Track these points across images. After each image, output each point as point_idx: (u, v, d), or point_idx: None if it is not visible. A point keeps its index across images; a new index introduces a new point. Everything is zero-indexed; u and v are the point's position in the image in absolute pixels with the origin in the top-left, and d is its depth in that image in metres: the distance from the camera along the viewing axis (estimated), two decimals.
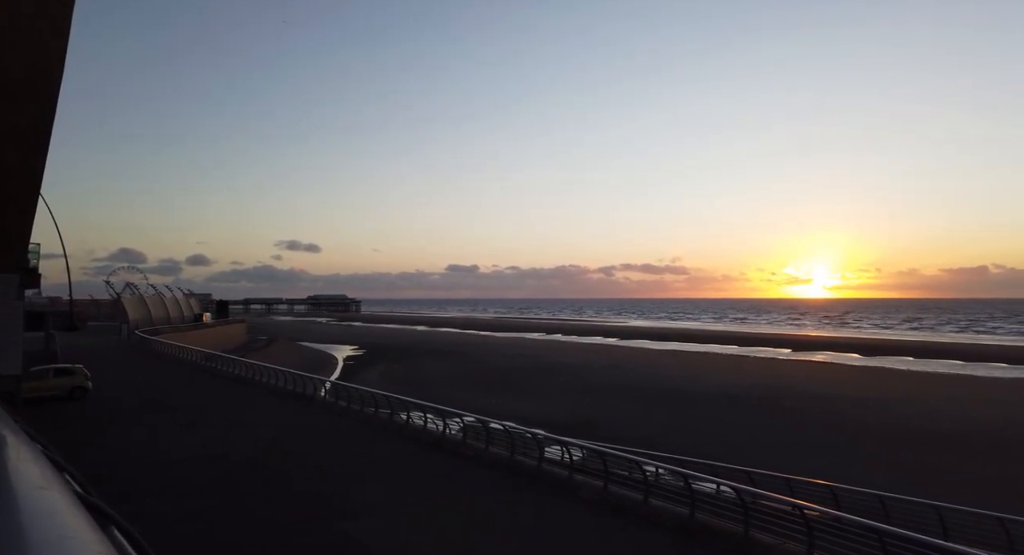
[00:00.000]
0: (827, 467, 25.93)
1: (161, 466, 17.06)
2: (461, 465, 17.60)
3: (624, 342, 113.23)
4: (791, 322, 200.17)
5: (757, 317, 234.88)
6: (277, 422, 24.06)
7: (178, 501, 13.74)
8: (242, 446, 19.62)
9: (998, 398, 47.88)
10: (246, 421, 24.03)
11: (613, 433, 31.89)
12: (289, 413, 26.25)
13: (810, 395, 47.40)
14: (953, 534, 14.90)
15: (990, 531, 14.93)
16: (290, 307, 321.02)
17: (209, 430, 22.12)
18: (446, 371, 63.02)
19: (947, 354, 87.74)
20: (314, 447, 19.70)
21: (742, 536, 11.62)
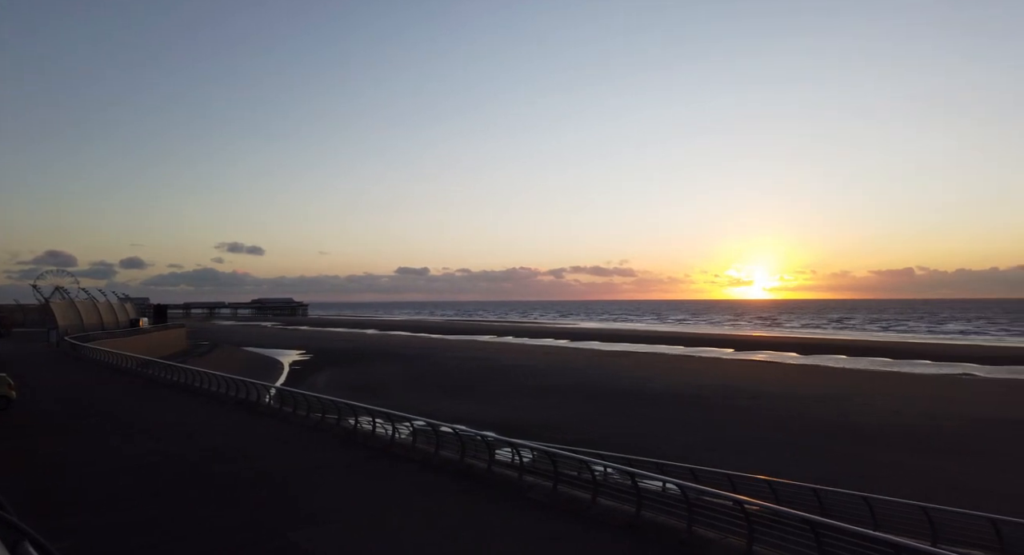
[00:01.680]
0: (769, 462, 26.98)
1: (98, 478, 16.34)
2: (410, 470, 17.50)
3: (575, 344, 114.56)
4: (732, 323, 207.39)
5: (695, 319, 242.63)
6: (221, 430, 23.35)
7: (118, 514, 13.20)
8: (184, 455, 18.97)
9: (923, 393, 50.71)
10: (188, 430, 23.23)
11: (566, 434, 32.32)
12: (233, 420, 25.51)
13: (753, 393, 49.08)
14: (882, 523, 15.74)
15: (915, 520, 15.82)
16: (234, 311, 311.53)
17: (149, 440, 21.29)
18: (397, 375, 62.40)
19: (877, 352, 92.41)
20: (260, 455, 19.22)
21: (686, 532, 11.98)
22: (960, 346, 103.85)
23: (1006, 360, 78.27)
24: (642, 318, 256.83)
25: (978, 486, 23.92)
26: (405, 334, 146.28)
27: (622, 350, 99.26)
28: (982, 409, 41.92)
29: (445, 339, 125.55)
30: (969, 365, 74.28)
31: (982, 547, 14.50)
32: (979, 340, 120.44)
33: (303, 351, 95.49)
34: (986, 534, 14.71)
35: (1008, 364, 74.23)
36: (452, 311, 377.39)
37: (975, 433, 34.26)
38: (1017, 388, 54.76)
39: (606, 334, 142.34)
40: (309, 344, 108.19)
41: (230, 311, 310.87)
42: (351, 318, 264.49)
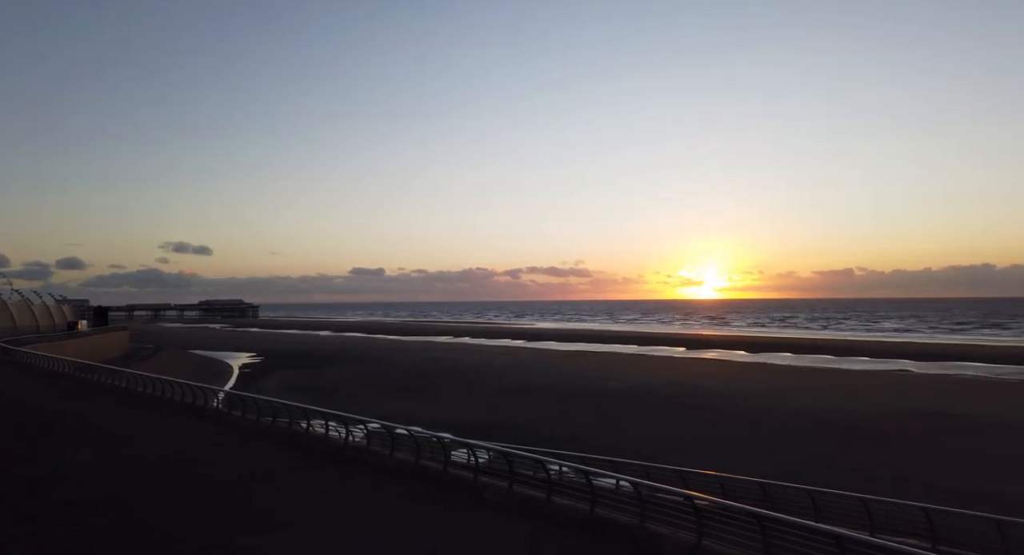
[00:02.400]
0: (720, 457, 27.68)
1: (39, 486, 15.56)
2: (365, 473, 17.27)
3: (531, 344, 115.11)
4: (682, 322, 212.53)
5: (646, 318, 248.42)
6: (166, 436, 22.55)
7: (61, 523, 12.60)
8: (128, 462, 18.25)
9: (863, 389, 52.94)
10: (132, 436, 22.36)
11: (524, 434, 32.42)
12: (179, 426, 24.67)
13: (704, 391, 50.29)
14: (824, 515, 16.35)
15: (855, 510, 16.48)
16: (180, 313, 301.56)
17: (90, 447, 20.39)
18: (352, 377, 61.45)
19: (820, 350, 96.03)
20: (206, 460, 18.64)
21: (638, 528, 12.18)
22: (896, 343, 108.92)
23: (938, 357, 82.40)
24: (595, 318, 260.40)
25: (915, 477, 25.09)
26: (360, 335, 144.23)
27: (578, 350, 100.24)
28: (918, 403, 44.00)
29: (401, 340, 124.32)
30: (905, 361, 77.92)
31: (916, 536, 15.23)
32: (913, 338, 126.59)
33: (253, 354, 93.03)
34: (920, 523, 15.45)
35: (939, 360, 78.17)
36: (408, 312, 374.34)
37: (912, 426, 35.93)
38: (948, 383, 57.73)
39: (562, 334, 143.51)
40: (260, 346, 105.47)
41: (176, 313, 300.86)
42: (304, 320, 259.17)
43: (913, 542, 14.57)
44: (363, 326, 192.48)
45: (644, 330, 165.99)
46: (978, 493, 22.18)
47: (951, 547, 14.38)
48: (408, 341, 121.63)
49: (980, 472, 25.86)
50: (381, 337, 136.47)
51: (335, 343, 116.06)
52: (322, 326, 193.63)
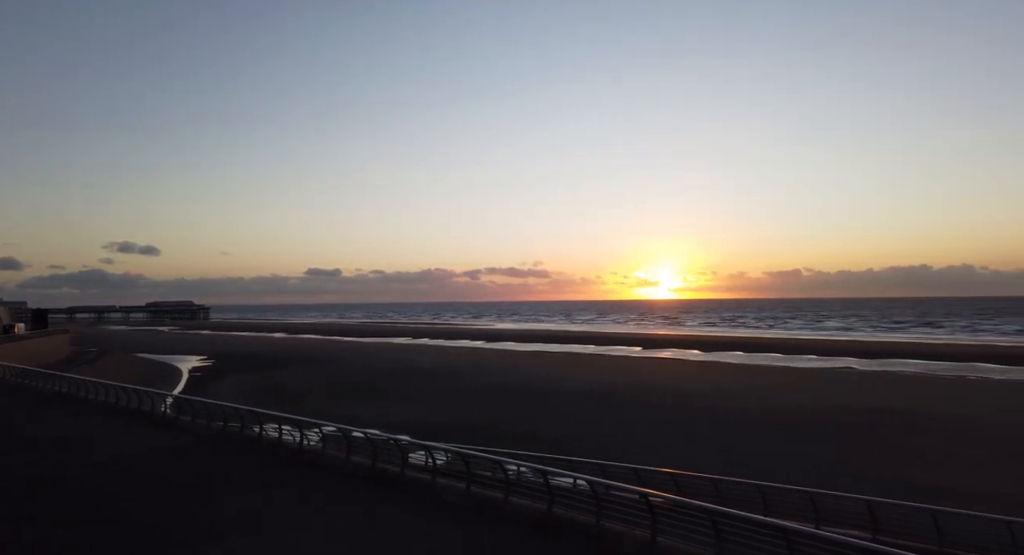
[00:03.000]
0: (676, 455, 28.23)
1: None
2: (320, 477, 16.99)
3: (491, 344, 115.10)
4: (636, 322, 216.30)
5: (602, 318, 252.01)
6: (111, 442, 21.71)
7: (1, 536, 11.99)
8: (71, 470, 17.50)
9: (811, 386, 54.78)
10: (74, 443, 21.44)
11: (484, 435, 32.39)
12: (125, 432, 23.78)
13: (661, 389, 51.20)
14: (772, 509, 16.87)
15: (801, 503, 17.06)
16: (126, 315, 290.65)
17: (29, 454, 19.49)
18: (308, 380, 60.27)
19: (770, 348, 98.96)
20: (156, 467, 18.04)
21: (594, 526, 12.35)
22: (841, 342, 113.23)
23: (879, 355, 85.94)
24: (554, 318, 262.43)
25: (859, 470, 26.10)
26: (316, 337, 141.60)
27: (537, 350, 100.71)
28: (862, 400, 45.76)
29: (359, 342, 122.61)
30: (849, 359, 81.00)
31: (859, 527, 15.85)
32: (856, 336, 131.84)
33: (204, 357, 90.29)
34: (863, 515, 16.10)
35: (881, 358, 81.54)
36: (366, 313, 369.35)
37: (856, 422, 37.33)
38: (889, 380, 60.25)
39: (521, 335, 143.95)
40: (211, 349, 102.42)
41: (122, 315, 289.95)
42: (257, 322, 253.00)
43: (856, 533, 15.17)
44: (319, 328, 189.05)
45: (601, 330, 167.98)
46: (917, 485, 23.22)
47: (891, 537, 15.00)
48: (365, 343, 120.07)
49: (919, 465, 27.07)
50: (338, 339, 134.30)
51: (290, 345, 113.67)
52: (276, 328, 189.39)
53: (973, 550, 14.23)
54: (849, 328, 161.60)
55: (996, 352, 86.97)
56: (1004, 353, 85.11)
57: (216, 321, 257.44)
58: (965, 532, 14.91)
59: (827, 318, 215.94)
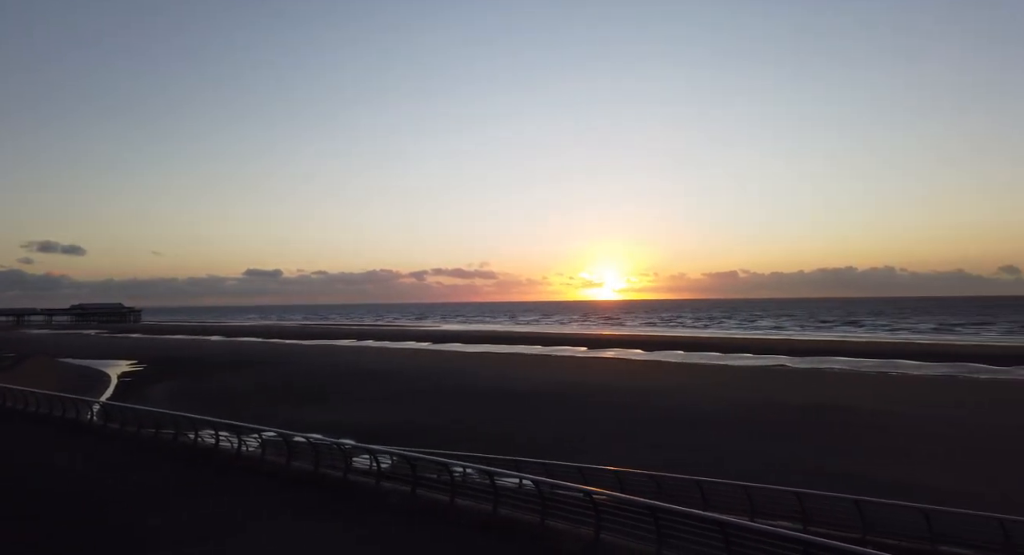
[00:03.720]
0: (622, 452, 28.76)
1: None
2: (259, 484, 16.52)
3: (437, 346, 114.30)
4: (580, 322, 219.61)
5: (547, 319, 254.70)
6: (35, 452, 20.49)
7: None
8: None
9: (747, 383, 56.83)
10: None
11: (432, 437, 32.17)
12: (49, 440, 22.48)
13: (606, 389, 52.05)
14: (711, 503, 17.44)
15: (737, 497, 17.71)
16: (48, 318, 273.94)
17: None
18: (248, 384, 58.35)
19: (708, 347, 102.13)
20: (84, 477, 17.13)
21: (539, 525, 12.48)
22: (774, 340, 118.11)
23: (809, 352, 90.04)
24: (500, 319, 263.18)
25: (791, 463, 27.26)
26: (256, 340, 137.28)
27: (484, 351, 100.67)
28: (794, 395, 47.77)
29: (300, 344, 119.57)
30: (782, 357, 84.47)
31: (790, 518, 16.59)
32: (787, 335, 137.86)
33: (135, 361, 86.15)
34: (794, 507, 16.85)
35: (811, 355, 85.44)
36: (308, 315, 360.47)
37: (789, 417, 38.95)
38: (819, 376, 63.19)
39: (468, 336, 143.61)
40: (142, 354, 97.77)
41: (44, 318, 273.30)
42: (193, 324, 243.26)
43: (787, 524, 15.87)
44: (259, 330, 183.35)
45: (548, 331, 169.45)
46: (844, 475, 24.46)
47: (819, 527, 15.76)
48: (308, 345, 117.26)
49: (845, 457, 28.50)
50: (278, 342, 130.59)
51: (228, 349, 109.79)
52: (213, 331, 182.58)
53: (893, 536, 15.09)
54: (780, 327, 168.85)
55: (914, 349, 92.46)
56: (921, 350, 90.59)
57: (148, 324, 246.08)
58: (888, 520, 15.81)
59: (760, 317, 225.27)
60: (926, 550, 14.40)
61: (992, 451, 29.55)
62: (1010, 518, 14.49)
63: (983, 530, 14.56)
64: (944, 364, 72.79)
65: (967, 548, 14.50)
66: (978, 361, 75.49)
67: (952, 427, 35.26)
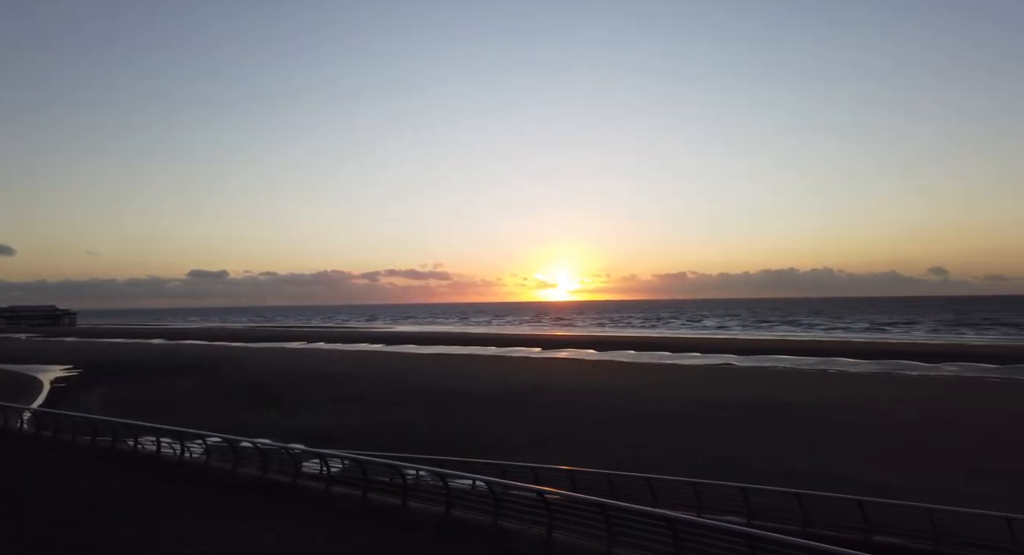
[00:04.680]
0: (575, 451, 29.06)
1: None
2: (202, 491, 16.01)
3: (391, 348, 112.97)
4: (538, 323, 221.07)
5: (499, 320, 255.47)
6: None
7: None
8: None
9: (697, 382, 58.26)
10: None
11: (385, 440, 31.78)
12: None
13: (559, 389, 52.47)
14: (660, 500, 17.82)
15: (685, 493, 18.16)
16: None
17: None
18: (192, 389, 56.37)
19: (659, 347, 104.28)
20: (15, 488, 16.22)
21: (492, 526, 12.52)
22: (721, 339, 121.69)
23: (754, 351, 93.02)
24: (454, 320, 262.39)
25: (738, 459, 28.09)
26: (200, 343, 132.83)
27: (438, 353, 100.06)
28: (741, 393, 49.25)
29: (248, 347, 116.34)
30: (729, 356, 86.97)
31: (736, 513, 17.12)
32: (734, 334, 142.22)
33: (70, 366, 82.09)
34: (739, 501, 17.39)
35: (755, 354, 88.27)
36: (256, 317, 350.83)
37: (736, 414, 40.12)
38: (764, 374, 65.32)
39: (421, 337, 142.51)
40: (78, 358, 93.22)
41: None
42: (133, 327, 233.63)
43: (733, 518, 16.36)
44: (203, 333, 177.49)
45: (502, 332, 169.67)
46: (785, 471, 25.33)
47: (762, 520, 16.32)
48: (256, 348, 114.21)
49: (787, 452, 29.54)
50: (225, 344, 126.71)
51: (170, 352, 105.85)
52: (154, 334, 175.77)
53: (832, 528, 15.75)
54: (725, 327, 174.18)
55: (851, 348, 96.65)
56: (857, 348, 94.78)
57: (84, 327, 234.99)
58: (826, 512, 16.48)
59: (706, 317, 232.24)
60: (860, 540, 15.06)
61: (924, 444, 31.15)
62: (939, 508, 15.31)
63: (914, 520, 15.33)
64: (878, 361, 76.34)
65: (898, 537, 15.25)
66: (909, 358, 79.46)
67: (886, 422, 36.99)
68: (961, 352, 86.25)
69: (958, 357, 79.29)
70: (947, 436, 32.96)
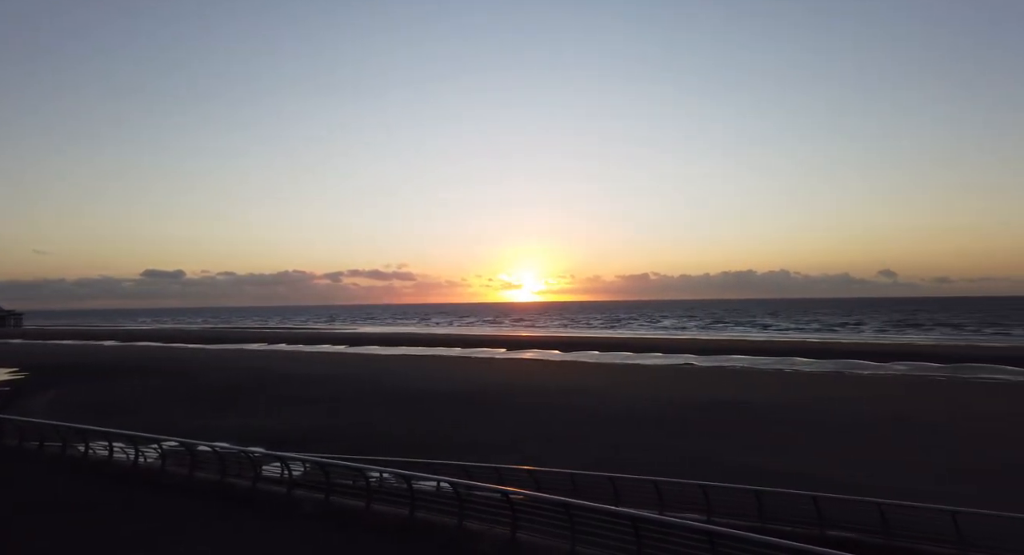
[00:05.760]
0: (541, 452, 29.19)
1: None
2: (158, 497, 15.56)
3: (354, 349, 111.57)
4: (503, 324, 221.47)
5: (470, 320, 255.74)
6: None
7: None
8: None
9: (659, 381, 59.14)
10: None
11: (350, 442, 31.40)
12: None
13: (525, 389, 52.58)
14: (624, 499, 18.06)
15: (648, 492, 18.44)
16: None
17: None
18: (148, 392, 54.66)
19: (622, 347, 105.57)
20: None
21: (456, 527, 12.51)
22: (682, 340, 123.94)
23: (714, 351, 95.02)
24: (418, 321, 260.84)
25: (699, 457, 28.61)
26: (156, 345, 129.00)
27: (403, 354, 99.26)
28: (702, 392, 50.19)
29: (207, 349, 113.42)
30: (689, 356, 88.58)
31: (697, 511, 17.47)
32: (694, 335, 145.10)
33: (15, 369, 78.63)
34: (700, 499, 17.75)
35: (715, 354, 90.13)
36: (214, 318, 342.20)
37: (698, 413, 40.86)
38: (724, 374, 66.70)
39: (385, 338, 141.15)
40: (24, 361, 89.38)
41: None
42: (84, 328, 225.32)
43: (694, 516, 16.68)
44: (159, 334, 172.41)
45: (467, 332, 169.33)
46: (746, 469, 25.94)
47: (723, 518, 16.69)
48: (215, 350, 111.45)
49: (748, 450, 30.24)
50: (182, 346, 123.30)
51: (124, 354, 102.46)
52: (107, 335, 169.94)
53: (788, 523, 16.21)
54: (684, 327, 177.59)
55: (806, 347, 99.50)
56: (812, 348, 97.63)
57: (31, 328, 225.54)
58: (783, 508, 16.95)
59: (667, 318, 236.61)
60: (815, 535, 15.52)
61: (875, 441, 32.25)
62: (887, 502, 15.89)
63: (865, 515, 15.87)
64: (831, 361, 78.77)
65: (851, 531, 15.78)
66: (860, 358, 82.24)
67: (839, 420, 38.17)
68: (908, 352, 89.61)
69: (906, 356, 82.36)
70: (904, 434, 34.17)
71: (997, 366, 70.31)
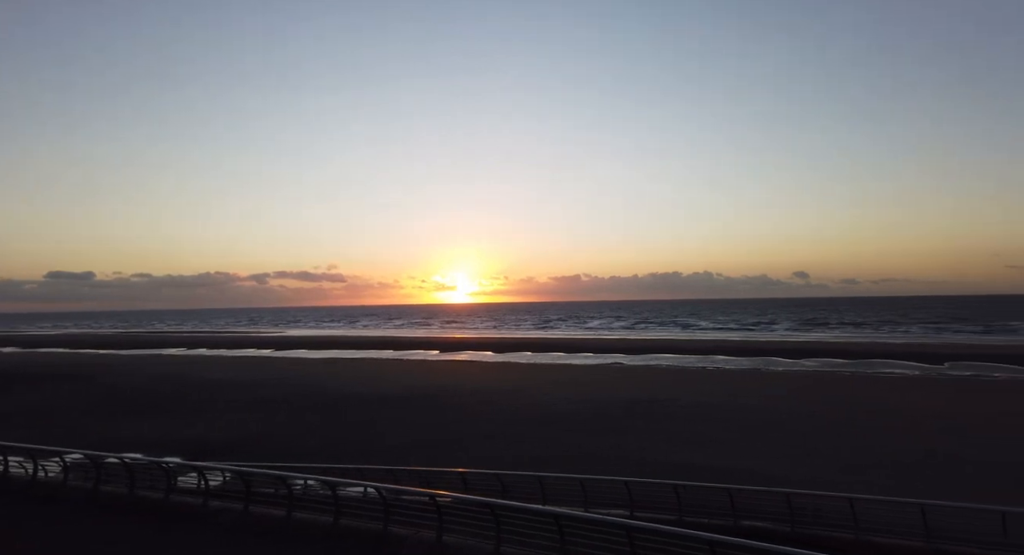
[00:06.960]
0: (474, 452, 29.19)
1: None
2: (57, 514, 14.59)
3: (281, 353, 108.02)
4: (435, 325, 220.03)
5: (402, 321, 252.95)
6: None
7: None
8: None
9: (590, 381, 60.33)
10: None
11: (275, 449, 30.41)
12: None
13: (458, 391, 52.44)
14: (550, 498, 18.38)
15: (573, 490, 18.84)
16: None
17: None
18: (53, 401, 51.01)
19: (554, 348, 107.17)
20: None
21: (381, 532, 12.38)
22: (611, 340, 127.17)
23: (641, 350, 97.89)
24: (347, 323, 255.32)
25: (628, 454, 29.40)
26: (62, 351, 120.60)
27: (332, 357, 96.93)
28: (630, 391, 51.55)
29: (119, 355, 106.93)
30: (618, 355, 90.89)
31: (620, 506, 17.99)
32: (622, 335, 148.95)
33: None
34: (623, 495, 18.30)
35: (643, 353, 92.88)
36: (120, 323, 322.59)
37: (627, 411, 41.95)
38: (651, 373, 68.78)
39: (314, 341, 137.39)
40: None
41: None
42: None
43: (617, 511, 17.18)
44: (66, 339, 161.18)
45: (399, 334, 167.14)
46: (670, 463, 26.88)
47: (645, 512, 17.26)
48: (128, 355, 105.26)
49: (671, 446, 31.33)
50: (91, 352, 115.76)
51: (26, 361, 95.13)
52: (5, 341, 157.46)
53: (705, 515, 16.95)
54: (610, 328, 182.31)
55: (725, 346, 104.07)
56: (732, 347, 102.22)
57: None
58: (701, 500, 17.69)
59: (597, 318, 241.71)
60: (730, 526, 16.30)
61: (788, 435, 34.10)
62: (795, 492, 16.88)
63: (778, 505, 16.80)
64: (750, 358, 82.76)
65: (763, 521, 16.65)
66: (775, 355, 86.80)
67: (757, 415, 40.13)
68: (818, 349, 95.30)
69: (816, 353, 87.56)
70: (813, 428, 36.22)
71: (895, 361, 76.06)
